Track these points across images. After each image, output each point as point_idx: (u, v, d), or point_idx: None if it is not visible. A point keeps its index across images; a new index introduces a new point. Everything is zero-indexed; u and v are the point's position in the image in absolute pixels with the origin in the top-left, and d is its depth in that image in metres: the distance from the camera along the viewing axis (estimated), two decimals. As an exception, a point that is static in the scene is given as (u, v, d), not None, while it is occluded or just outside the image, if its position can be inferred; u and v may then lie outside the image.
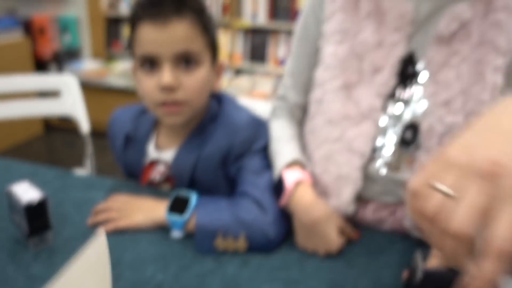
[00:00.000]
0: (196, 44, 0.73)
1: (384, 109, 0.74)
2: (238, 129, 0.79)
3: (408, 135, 0.74)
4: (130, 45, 0.76)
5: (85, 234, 0.71)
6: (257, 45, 2.91)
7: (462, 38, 0.68)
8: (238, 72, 2.96)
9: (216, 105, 0.84)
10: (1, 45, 2.75)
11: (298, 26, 0.83)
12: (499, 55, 0.67)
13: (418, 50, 0.72)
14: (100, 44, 3.16)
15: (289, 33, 2.81)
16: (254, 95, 2.65)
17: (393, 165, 0.75)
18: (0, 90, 1.41)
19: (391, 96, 0.74)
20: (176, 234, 0.72)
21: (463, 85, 0.69)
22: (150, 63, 0.73)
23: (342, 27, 0.74)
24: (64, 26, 3.15)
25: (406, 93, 0.74)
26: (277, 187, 0.75)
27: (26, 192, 0.65)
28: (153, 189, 0.86)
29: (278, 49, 2.87)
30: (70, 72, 3.01)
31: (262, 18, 2.79)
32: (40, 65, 3.07)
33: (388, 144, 0.75)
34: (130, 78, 2.85)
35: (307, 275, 0.66)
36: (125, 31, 3.13)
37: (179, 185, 0.83)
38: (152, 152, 0.85)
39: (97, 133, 2.42)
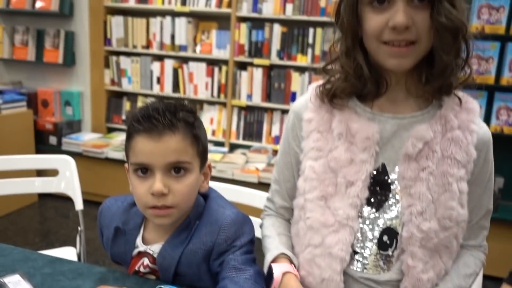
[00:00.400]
0: (187, 154, 0.80)
1: (359, 217, 0.81)
2: (221, 227, 0.83)
3: (386, 238, 0.80)
4: (126, 150, 0.83)
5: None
6: (252, 123, 3.03)
7: (427, 155, 0.77)
8: (233, 147, 3.05)
9: (202, 202, 0.89)
10: (6, 115, 2.85)
11: (281, 139, 0.93)
12: (461, 167, 0.75)
13: (388, 163, 0.81)
14: (100, 117, 3.28)
15: (283, 111, 2.94)
16: (247, 171, 2.71)
17: (373, 267, 0.80)
18: (1, 168, 1.46)
19: (366, 204, 0.81)
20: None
21: (434, 195, 0.76)
22: (143, 169, 0.79)
23: (318, 145, 0.84)
24: (67, 100, 3.29)
25: (380, 200, 0.80)
26: (267, 279, 0.80)
27: (16, 286, 0.68)
28: (139, 279, 0.89)
29: (273, 126, 2.99)
30: (70, 143, 3.10)
31: (257, 99, 2.94)
32: (41, 135, 3.16)
33: (367, 247, 0.80)
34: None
35: None
36: (126, 105, 3.27)
37: (164, 278, 0.86)
38: (139, 244, 0.89)
39: (92, 202, 2.45)
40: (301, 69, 2.88)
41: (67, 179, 1.48)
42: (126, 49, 3.13)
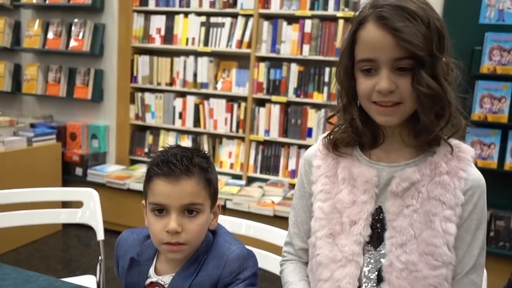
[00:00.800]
0: (200, 197, 0.89)
1: (364, 252, 0.87)
2: (227, 261, 0.91)
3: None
4: (144, 189, 0.92)
5: None
6: (269, 157, 3.11)
7: (413, 194, 0.83)
8: (250, 181, 3.13)
9: (211, 237, 0.97)
10: (36, 146, 3.02)
11: (296, 185, 1.02)
12: (446, 209, 0.81)
13: (384, 205, 0.87)
14: (124, 149, 3.43)
15: (300, 146, 3.02)
16: (263, 204, 2.77)
17: None
18: (31, 199, 1.57)
19: (369, 242, 0.87)
20: None
21: (416, 231, 0.82)
22: (160, 209, 0.89)
23: (325, 188, 0.92)
24: (94, 133, 3.46)
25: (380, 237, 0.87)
26: None
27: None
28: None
29: (289, 161, 3.06)
30: (94, 174, 3.24)
31: (274, 134, 3.03)
32: (68, 167, 3.32)
33: (371, 280, 0.86)
34: (148, 183, 3.04)
35: None
36: (148, 138, 3.41)
37: None
38: (152, 274, 0.96)
39: (113, 232, 2.54)
40: (317, 106, 2.97)
41: (91, 210, 1.57)
42: (151, 86, 3.30)
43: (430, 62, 0.77)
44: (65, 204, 2.49)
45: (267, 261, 1.28)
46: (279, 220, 2.68)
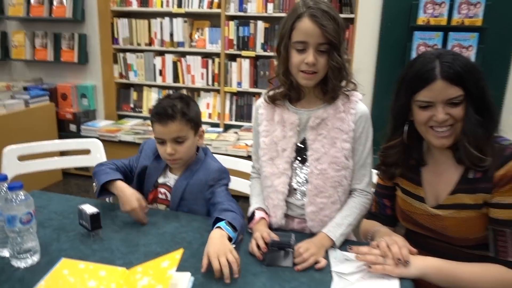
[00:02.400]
0: (183, 131, 1.35)
1: (295, 168, 1.33)
2: (211, 171, 1.41)
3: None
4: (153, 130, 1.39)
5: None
6: (242, 106, 3.53)
7: (322, 127, 1.28)
8: (227, 128, 3.56)
9: (203, 156, 1.45)
10: (32, 108, 3.37)
11: (253, 127, 1.44)
12: (343, 134, 1.27)
13: (307, 138, 1.32)
14: (112, 106, 3.80)
15: (268, 96, 3.43)
16: (238, 147, 3.23)
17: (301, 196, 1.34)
18: (49, 149, 1.98)
19: (296, 160, 1.33)
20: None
21: (325, 150, 1.27)
22: (161, 142, 1.36)
23: (266, 128, 1.36)
24: (83, 93, 3.80)
25: (303, 159, 1.33)
26: (250, 219, 1.33)
27: (89, 209, 1.20)
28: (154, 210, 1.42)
29: (259, 109, 3.48)
30: (87, 129, 3.62)
31: (246, 85, 3.43)
32: (63, 124, 3.68)
33: (297, 185, 1.34)
34: (136, 134, 3.45)
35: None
36: (133, 95, 3.77)
37: (173, 202, 1.41)
38: (160, 179, 1.46)
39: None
40: (282, 59, 3.35)
41: (98, 156, 1.99)
42: (132, 47, 3.62)
43: (338, 47, 1.21)
44: (63, 153, 2.89)
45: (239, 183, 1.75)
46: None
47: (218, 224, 1.17)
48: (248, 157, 3.19)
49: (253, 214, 1.33)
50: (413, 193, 1.24)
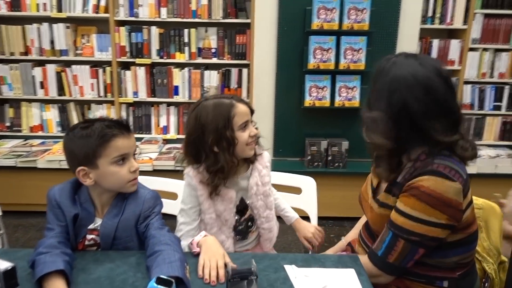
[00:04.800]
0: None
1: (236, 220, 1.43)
2: (145, 200, 1.26)
3: (248, 224, 1.45)
4: (96, 153, 1.18)
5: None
6: (141, 117, 3.31)
7: (258, 189, 1.43)
8: (125, 141, 3.30)
9: None
10: None
11: (187, 196, 1.43)
12: (268, 183, 1.49)
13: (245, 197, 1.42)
14: (-18, 126, 3.25)
15: (168, 104, 3.28)
16: (141, 162, 3.01)
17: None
18: None
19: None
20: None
21: (263, 202, 1.46)
22: (122, 159, 1.19)
23: (208, 206, 1.42)
24: None
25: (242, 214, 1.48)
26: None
27: (1, 264, 0.97)
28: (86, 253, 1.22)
29: (160, 118, 3.31)
30: (-48, 156, 3.04)
31: (143, 95, 3.22)
32: None
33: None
34: (18, 157, 3.00)
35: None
36: (9, 111, 3.28)
37: (104, 244, 1.22)
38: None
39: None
40: (180, 65, 3.23)
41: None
42: (3, 57, 3.14)
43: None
44: None
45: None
46: (158, 173, 2.97)
47: None
48: (155, 172, 3.07)
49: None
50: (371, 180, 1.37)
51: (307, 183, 1.81)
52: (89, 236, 1.23)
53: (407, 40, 3.06)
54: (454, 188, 1.08)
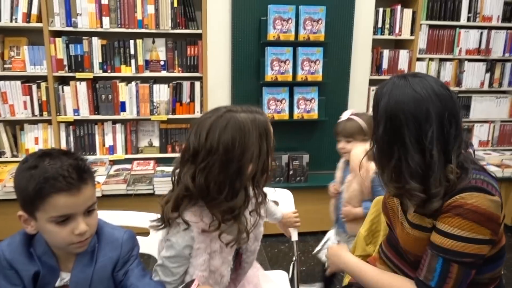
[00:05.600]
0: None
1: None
2: (123, 243, 1.05)
3: None
4: (33, 204, 0.91)
5: None
6: (83, 136, 3.00)
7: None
8: (66, 164, 2.96)
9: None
10: None
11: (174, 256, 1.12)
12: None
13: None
14: None
15: (114, 122, 3.00)
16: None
17: None
18: None
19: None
20: None
21: (253, 235, 1.26)
22: (63, 219, 0.92)
23: (205, 261, 1.12)
24: None
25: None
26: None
27: None
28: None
29: (105, 137, 3.02)
30: None
31: (85, 112, 2.92)
32: None
33: None
34: None
35: None
36: None
37: None
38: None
39: None
40: (127, 79, 2.98)
41: None
42: None
43: None
44: None
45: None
46: (107, 199, 2.69)
47: None
48: (104, 197, 2.77)
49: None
50: None
51: (285, 196, 1.77)
52: None
53: (361, 50, 3.07)
54: (496, 203, 1.04)
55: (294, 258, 1.68)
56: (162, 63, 2.96)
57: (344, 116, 2.00)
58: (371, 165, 1.82)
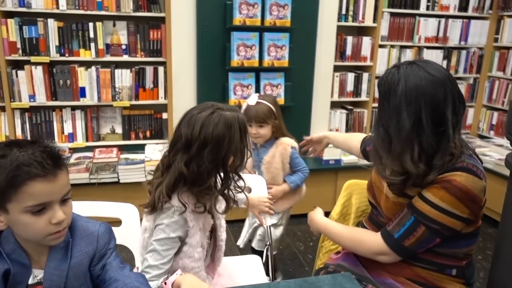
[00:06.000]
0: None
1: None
2: (99, 236, 1.01)
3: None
4: (5, 195, 0.85)
5: None
6: (40, 123, 2.85)
7: None
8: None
9: None
10: None
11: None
12: None
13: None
14: None
15: (73, 108, 2.87)
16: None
17: None
18: None
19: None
20: None
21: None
22: (39, 209, 0.87)
23: (198, 240, 1.20)
24: None
25: None
26: None
27: None
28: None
29: (64, 124, 2.89)
30: None
31: (42, 98, 2.77)
32: None
33: None
34: None
35: None
36: None
37: None
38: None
39: None
40: (86, 64, 2.85)
41: None
42: None
43: None
44: None
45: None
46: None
47: None
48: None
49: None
50: None
51: (258, 182, 1.76)
52: None
53: (326, 37, 3.10)
54: (481, 186, 1.14)
55: (267, 243, 1.69)
56: (123, 47, 2.85)
57: (252, 100, 2.00)
58: (284, 140, 2.03)
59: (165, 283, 1.02)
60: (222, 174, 1.22)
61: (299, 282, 1.07)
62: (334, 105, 3.34)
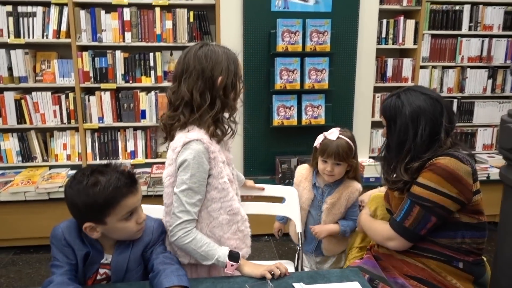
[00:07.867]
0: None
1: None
2: (154, 229, 1.30)
3: None
4: (104, 212, 1.14)
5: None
6: (107, 142, 3.24)
7: None
8: (91, 168, 3.20)
9: None
10: None
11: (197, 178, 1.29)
12: None
13: None
14: None
15: (135, 128, 3.24)
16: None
17: None
18: None
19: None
20: None
21: None
22: (131, 213, 1.18)
23: (222, 169, 1.35)
24: None
25: None
26: (233, 259, 1.29)
27: None
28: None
29: (127, 143, 3.25)
30: None
31: (108, 120, 3.16)
32: None
33: None
34: (-23, 191, 2.82)
35: None
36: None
37: (116, 277, 1.22)
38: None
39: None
40: (147, 89, 3.22)
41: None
42: (-44, 85, 2.98)
43: None
44: None
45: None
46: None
47: None
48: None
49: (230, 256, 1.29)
50: None
51: (289, 193, 1.90)
52: (101, 271, 1.23)
53: (365, 59, 3.25)
54: (465, 169, 1.32)
55: (298, 248, 1.85)
56: (179, 73, 3.19)
57: (333, 135, 1.81)
58: (354, 183, 1.87)
59: (232, 265, 1.26)
60: (214, 95, 1.30)
61: (312, 273, 1.25)
62: (376, 124, 3.45)
